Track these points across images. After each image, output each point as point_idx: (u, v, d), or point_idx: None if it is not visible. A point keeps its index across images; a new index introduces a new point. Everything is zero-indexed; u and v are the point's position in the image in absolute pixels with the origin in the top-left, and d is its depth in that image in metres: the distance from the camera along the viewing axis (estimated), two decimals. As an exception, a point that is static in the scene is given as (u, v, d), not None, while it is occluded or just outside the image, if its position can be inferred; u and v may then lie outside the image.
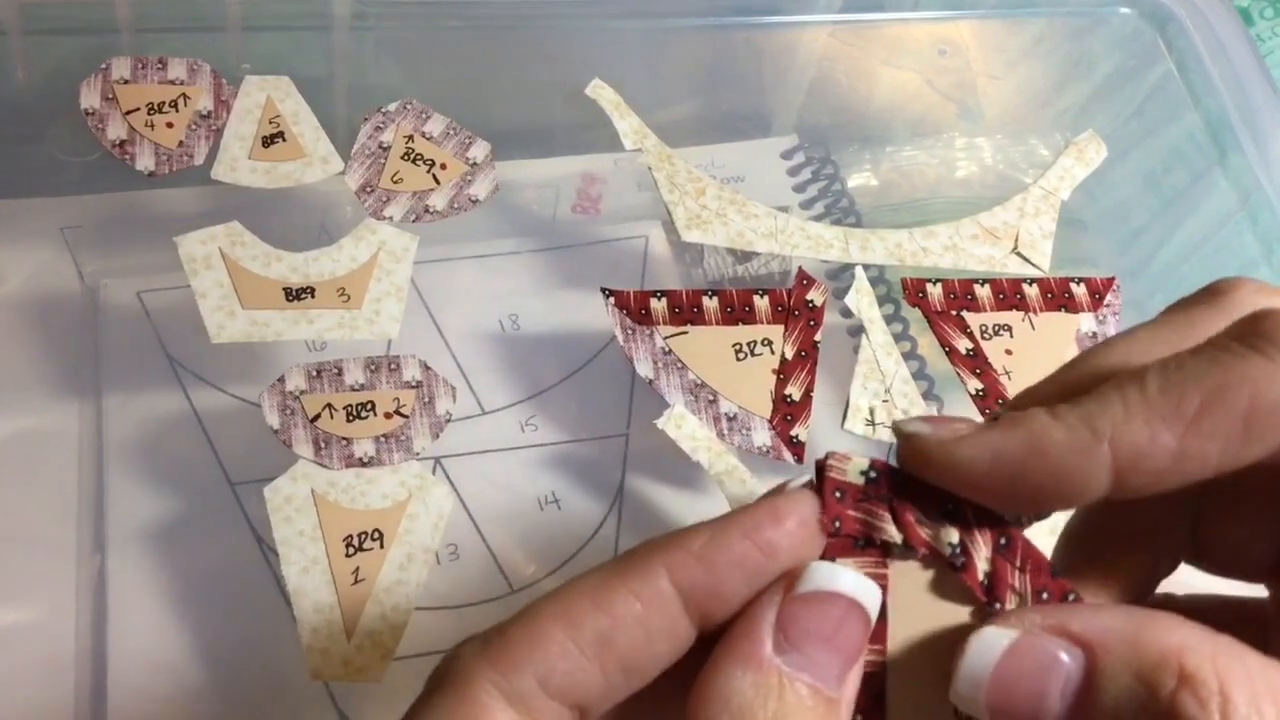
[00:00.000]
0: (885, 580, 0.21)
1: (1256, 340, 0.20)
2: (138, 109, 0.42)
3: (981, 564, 0.21)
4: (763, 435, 0.39)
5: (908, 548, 0.21)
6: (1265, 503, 0.24)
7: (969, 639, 0.20)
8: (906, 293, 0.42)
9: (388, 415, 0.37)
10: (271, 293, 0.39)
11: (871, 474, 0.22)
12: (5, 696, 0.34)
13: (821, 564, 0.21)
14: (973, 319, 0.42)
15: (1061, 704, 0.19)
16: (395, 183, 0.42)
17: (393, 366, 0.38)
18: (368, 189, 0.42)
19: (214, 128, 0.42)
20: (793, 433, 0.39)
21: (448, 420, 0.37)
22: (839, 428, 0.40)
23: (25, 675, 0.35)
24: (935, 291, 0.42)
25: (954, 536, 0.21)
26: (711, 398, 0.39)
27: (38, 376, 0.40)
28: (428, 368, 0.38)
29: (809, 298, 0.41)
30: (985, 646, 0.20)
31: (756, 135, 0.53)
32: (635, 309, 0.39)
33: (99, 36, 0.47)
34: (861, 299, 0.43)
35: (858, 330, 0.43)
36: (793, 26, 0.56)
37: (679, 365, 0.39)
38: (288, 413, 0.36)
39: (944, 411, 0.44)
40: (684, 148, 0.47)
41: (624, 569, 0.20)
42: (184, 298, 0.38)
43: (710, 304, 0.40)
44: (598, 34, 0.54)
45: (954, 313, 0.42)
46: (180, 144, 0.42)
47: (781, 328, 0.40)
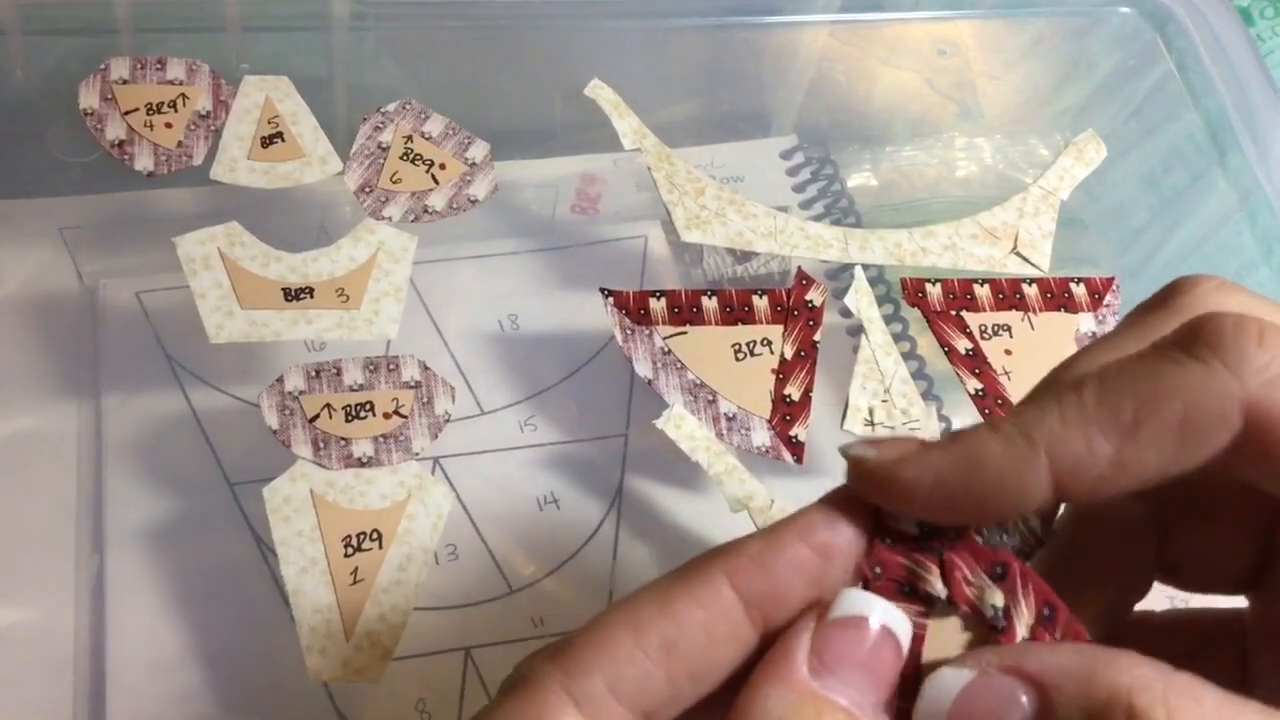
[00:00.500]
0: (923, 630, 0.21)
1: (1194, 346, 0.20)
2: (136, 109, 0.42)
3: (1022, 629, 0.21)
4: (762, 435, 0.39)
5: (950, 603, 0.21)
6: (1227, 514, 0.24)
7: (926, 679, 0.20)
8: (906, 293, 0.42)
9: (387, 415, 0.37)
10: (270, 293, 0.39)
11: (926, 525, 0.22)
12: (4, 697, 0.34)
13: (854, 590, 0.21)
14: (972, 319, 0.42)
15: None
16: (394, 183, 0.42)
17: (392, 367, 0.38)
18: (367, 189, 0.42)
19: (213, 128, 0.42)
20: (792, 433, 0.39)
21: (447, 420, 0.37)
22: (838, 428, 0.40)
23: (24, 675, 0.35)
24: (934, 291, 0.42)
25: (999, 599, 0.21)
26: (711, 398, 0.39)
27: (36, 377, 0.40)
28: (427, 368, 0.38)
29: (808, 298, 0.41)
30: (941, 687, 0.20)
31: (756, 135, 0.53)
32: (634, 309, 0.39)
33: (98, 36, 0.47)
34: (861, 299, 0.43)
35: (857, 330, 0.43)
36: (792, 26, 0.56)
37: (678, 365, 0.39)
38: (286, 413, 0.36)
39: (943, 411, 0.44)
40: (683, 148, 0.47)
41: (686, 577, 0.21)
42: (183, 298, 0.38)
43: (709, 304, 0.40)
44: (597, 34, 0.54)
45: (953, 313, 0.42)
46: (179, 144, 0.42)
47: (781, 328, 0.40)
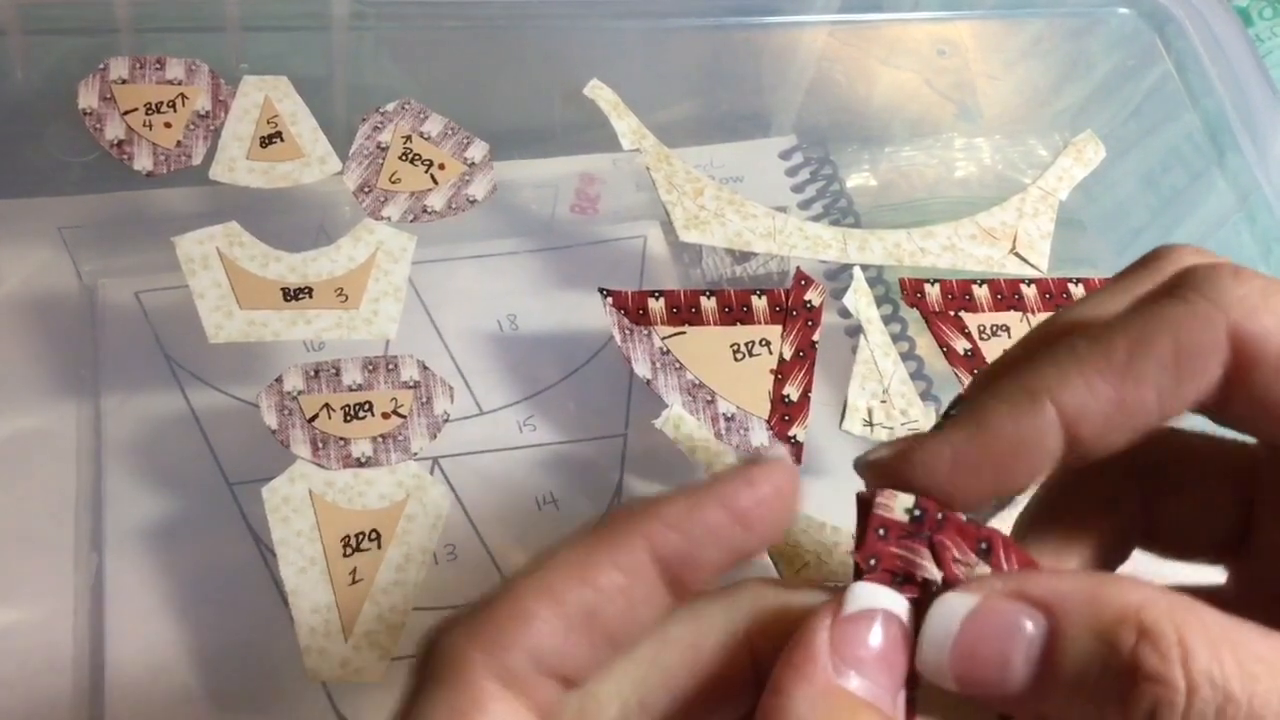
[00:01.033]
0: (919, 618, 0.21)
1: (1178, 289, 0.21)
2: (136, 109, 0.42)
3: None
4: (761, 435, 0.39)
5: (945, 585, 0.21)
6: (1207, 480, 0.24)
7: (931, 607, 0.20)
8: (905, 293, 0.42)
9: (385, 415, 0.37)
10: (269, 293, 0.39)
11: (916, 512, 0.22)
12: (3, 696, 0.34)
13: (864, 585, 0.21)
14: (971, 319, 0.42)
15: (1026, 667, 0.19)
16: (393, 183, 0.42)
17: (390, 367, 0.38)
18: (366, 189, 0.42)
19: (212, 128, 0.42)
20: (791, 433, 0.39)
21: (445, 420, 0.37)
22: (837, 428, 0.40)
23: (23, 675, 0.35)
24: (933, 292, 0.42)
25: (985, 572, 0.21)
26: (709, 398, 0.39)
27: (36, 376, 0.40)
28: (425, 368, 0.38)
29: (807, 298, 0.41)
30: (947, 613, 0.20)
31: (755, 135, 0.53)
32: (633, 309, 0.39)
33: (98, 36, 0.47)
34: (859, 299, 0.43)
35: (856, 330, 0.43)
36: (792, 26, 0.56)
37: (677, 365, 0.39)
38: (285, 413, 0.36)
39: (942, 411, 0.44)
40: (682, 148, 0.47)
41: (603, 541, 0.20)
42: (182, 298, 0.38)
43: (708, 304, 0.40)
44: (596, 34, 0.54)
45: (952, 313, 0.42)
46: (178, 144, 0.42)
47: (779, 328, 0.40)
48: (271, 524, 0.35)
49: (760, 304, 0.40)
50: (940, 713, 0.21)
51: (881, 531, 0.22)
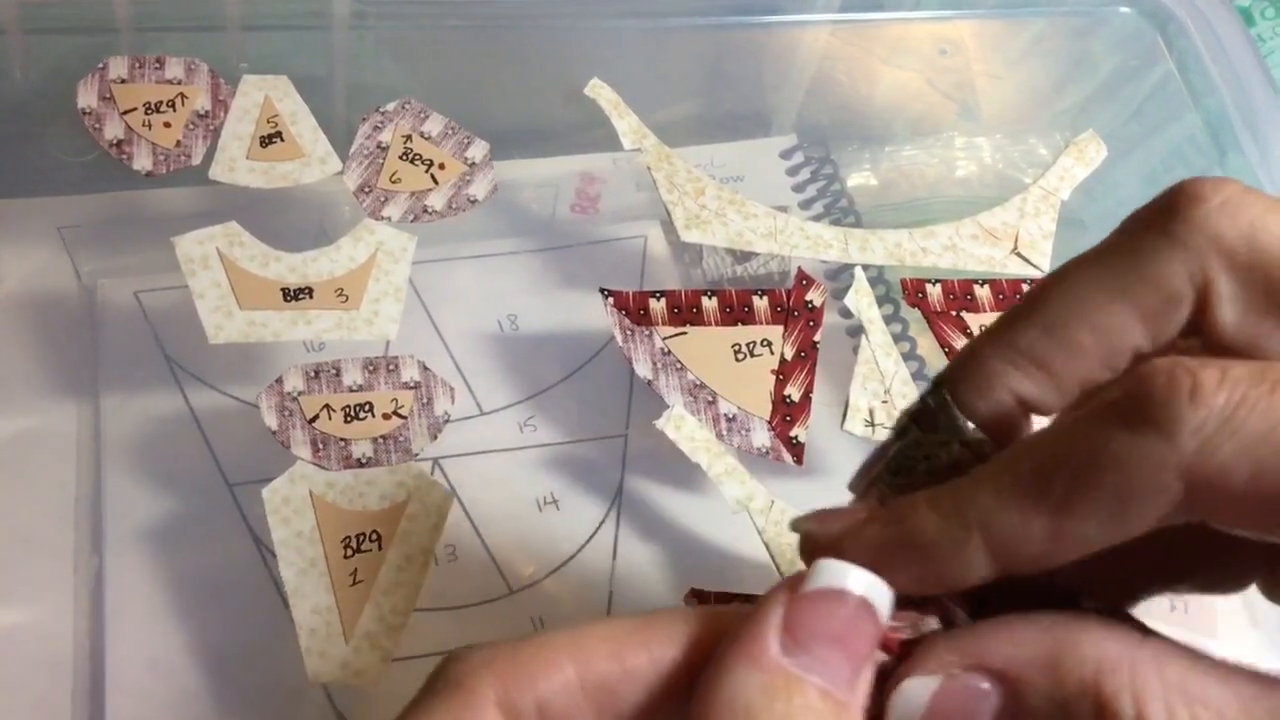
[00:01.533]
0: (910, 647, 0.21)
1: (1127, 412, 0.19)
2: (135, 109, 0.42)
3: None
4: (762, 436, 0.39)
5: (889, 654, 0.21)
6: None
7: (893, 695, 0.20)
8: (906, 293, 0.42)
9: (386, 416, 0.37)
10: (269, 293, 0.39)
11: None
12: (3, 697, 0.34)
13: (830, 561, 0.20)
14: (972, 319, 0.42)
15: None
16: (393, 183, 0.42)
17: (391, 367, 0.38)
18: (366, 189, 0.42)
19: (212, 127, 0.42)
20: (792, 433, 0.39)
21: (446, 421, 0.37)
22: (839, 428, 0.40)
23: (23, 676, 0.35)
24: (935, 292, 0.42)
25: (933, 625, 0.21)
26: (710, 398, 0.39)
27: (35, 376, 0.40)
28: (426, 368, 0.38)
29: (808, 298, 0.41)
30: (910, 698, 0.20)
31: (756, 135, 0.53)
32: (634, 309, 0.39)
33: (98, 36, 0.47)
34: (861, 299, 0.43)
35: (857, 331, 0.43)
36: (792, 26, 0.56)
37: (678, 366, 0.39)
38: (286, 413, 0.36)
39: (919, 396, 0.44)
40: (683, 147, 0.47)
41: (647, 624, 0.20)
42: (182, 298, 0.38)
43: (709, 304, 0.40)
44: (597, 33, 0.54)
45: (953, 313, 0.42)
46: (178, 144, 0.42)
47: (781, 328, 0.40)
48: (272, 525, 0.35)
49: (761, 304, 0.40)
50: None
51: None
